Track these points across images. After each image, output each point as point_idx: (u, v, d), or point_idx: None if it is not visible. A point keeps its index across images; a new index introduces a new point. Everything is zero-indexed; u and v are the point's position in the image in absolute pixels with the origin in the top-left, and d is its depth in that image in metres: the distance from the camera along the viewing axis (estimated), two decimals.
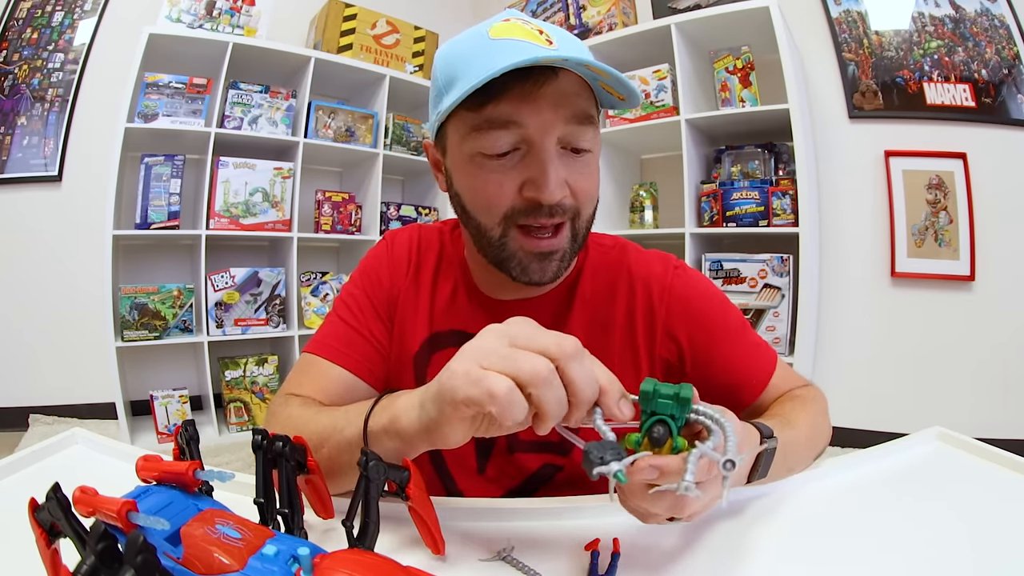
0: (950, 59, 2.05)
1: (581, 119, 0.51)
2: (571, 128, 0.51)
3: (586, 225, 0.57)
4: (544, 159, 0.50)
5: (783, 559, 0.41)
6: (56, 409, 2.32)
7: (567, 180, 0.52)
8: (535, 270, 0.55)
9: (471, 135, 0.51)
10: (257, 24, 2.37)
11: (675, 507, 0.36)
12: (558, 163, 0.51)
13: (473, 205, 0.55)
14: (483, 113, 0.50)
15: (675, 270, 0.64)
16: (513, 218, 0.53)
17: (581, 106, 0.51)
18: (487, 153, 0.51)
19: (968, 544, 0.42)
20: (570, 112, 0.50)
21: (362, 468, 0.36)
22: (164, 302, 2.17)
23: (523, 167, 0.51)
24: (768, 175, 2.16)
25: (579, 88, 0.51)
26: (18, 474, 0.55)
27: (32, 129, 2.30)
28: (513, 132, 0.50)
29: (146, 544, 0.23)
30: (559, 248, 0.54)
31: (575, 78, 0.50)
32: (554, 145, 0.51)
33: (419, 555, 0.41)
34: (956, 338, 2.04)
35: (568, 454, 0.62)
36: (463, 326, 0.63)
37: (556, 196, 0.51)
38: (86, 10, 2.37)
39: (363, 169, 2.70)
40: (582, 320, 0.62)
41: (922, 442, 0.60)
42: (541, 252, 0.54)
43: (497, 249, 0.55)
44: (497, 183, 0.52)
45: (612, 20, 2.47)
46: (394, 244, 0.69)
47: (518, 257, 0.54)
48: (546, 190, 0.50)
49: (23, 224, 2.28)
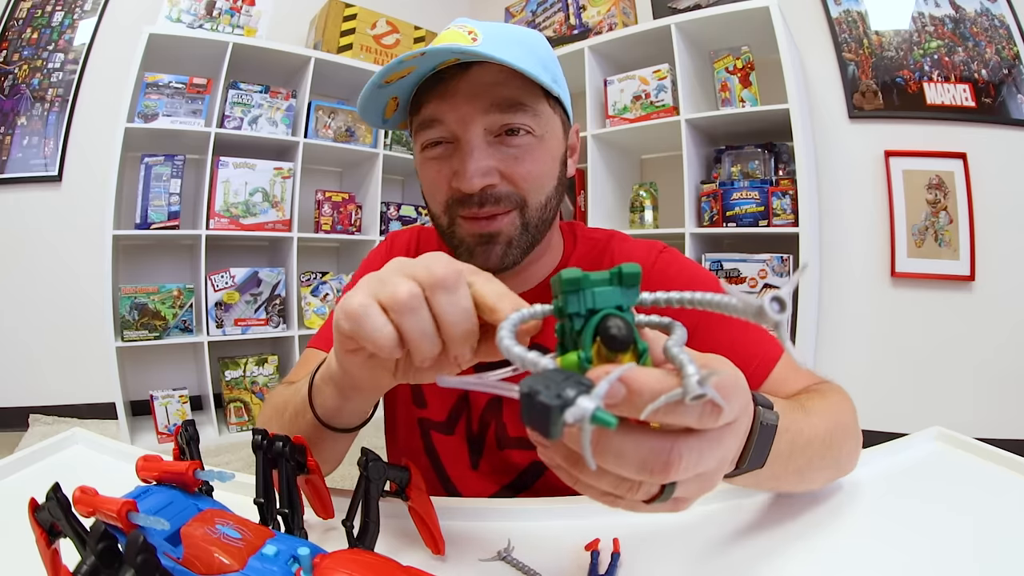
0: (950, 59, 2.05)
1: (505, 106, 0.53)
2: (494, 116, 0.53)
3: (538, 213, 0.56)
4: (464, 150, 0.53)
5: (783, 559, 0.41)
6: (56, 409, 2.32)
7: (498, 168, 0.53)
8: (479, 253, 0.55)
9: (417, 134, 0.57)
10: (257, 24, 2.37)
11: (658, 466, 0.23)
12: (482, 153, 0.53)
13: (426, 195, 0.60)
14: (420, 116, 0.55)
15: (660, 253, 0.63)
16: (454, 208, 0.55)
17: (503, 94, 0.52)
18: (425, 146, 0.56)
19: (968, 544, 0.42)
20: (488, 102, 0.52)
21: (362, 468, 0.36)
22: (164, 302, 2.17)
23: (452, 160, 0.55)
24: (768, 175, 2.16)
25: (503, 77, 0.52)
26: (18, 474, 0.55)
27: (32, 129, 2.30)
28: (438, 129, 0.54)
29: (146, 544, 0.23)
30: (500, 231, 0.55)
31: (497, 69, 0.51)
32: (479, 136, 0.53)
33: (419, 555, 0.41)
34: (956, 338, 2.04)
35: None
36: None
37: (475, 185, 0.52)
38: (86, 10, 2.38)
39: (363, 169, 2.70)
40: None
41: (922, 442, 0.59)
42: (483, 234, 0.55)
43: (448, 236, 0.58)
44: (435, 173, 0.56)
45: (612, 20, 2.47)
46: (394, 243, 0.73)
47: (466, 243, 0.56)
48: (464, 180, 0.52)
49: (23, 224, 2.28)
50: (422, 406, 0.66)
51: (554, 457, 0.26)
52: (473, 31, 0.53)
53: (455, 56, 0.50)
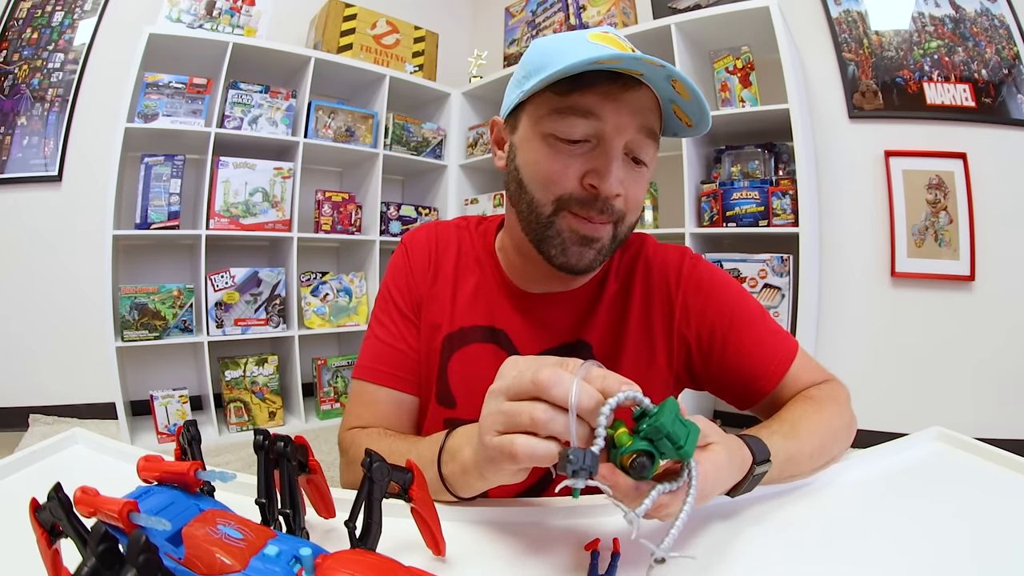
0: (950, 59, 2.05)
1: (648, 133, 0.56)
2: (639, 137, 0.55)
3: (626, 231, 0.60)
4: (611, 155, 0.54)
5: (782, 559, 0.41)
6: (56, 409, 2.32)
7: (624, 183, 0.56)
8: (574, 253, 0.57)
9: (550, 116, 0.55)
10: (257, 24, 2.37)
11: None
12: (621, 163, 0.55)
13: (532, 180, 0.58)
14: (568, 99, 0.54)
15: (692, 260, 0.67)
16: (567, 203, 0.56)
17: (652, 121, 0.56)
18: (561, 136, 0.55)
19: (968, 544, 0.42)
20: (642, 122, 0.55)
21: (366, 469, 0.36)
22: (164, 302, 2.17)
23: (590, 158, 0.55)
24: (768, 175, 2.16)
25: (654, 105, 0.55)
26: (18, 474, 0.55)
27: (32, 129, 2.29)
28: (591, 123, 0.54)
29: (148, 544, 0.23)
30: (601, 237, 0.57)
31: (652, 96, 0.55)
32: (622, 147, 0.55)
33: (420, 556, 0.41)
34: (956, 338, 2.04)
35: None
36: (488, 320, 0.66)
37: (615, 189, 0.54)
38: (86, 10, 2.37)
39: (363, 169, 2.70)
40: (605, 318, 0.65)
41: (922, 442, 0.60)
42: (585, 236, 0.57)
43: (544, 227, 0.58)
44: (563, 165, 0.55)
45: (612, 20, 2.47)
46: (412, 247, 0.71)
47: (562, 237, 0.57)
48: (608, 181, 0.54)
49: (23, 224, 2.28)
50: (451, 406, 0.66)
51: None
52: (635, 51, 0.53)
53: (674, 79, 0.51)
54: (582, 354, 0.63)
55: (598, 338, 0.65)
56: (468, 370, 0.65)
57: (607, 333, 0.65)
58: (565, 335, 0.65)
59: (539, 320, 0.65)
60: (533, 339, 0.65)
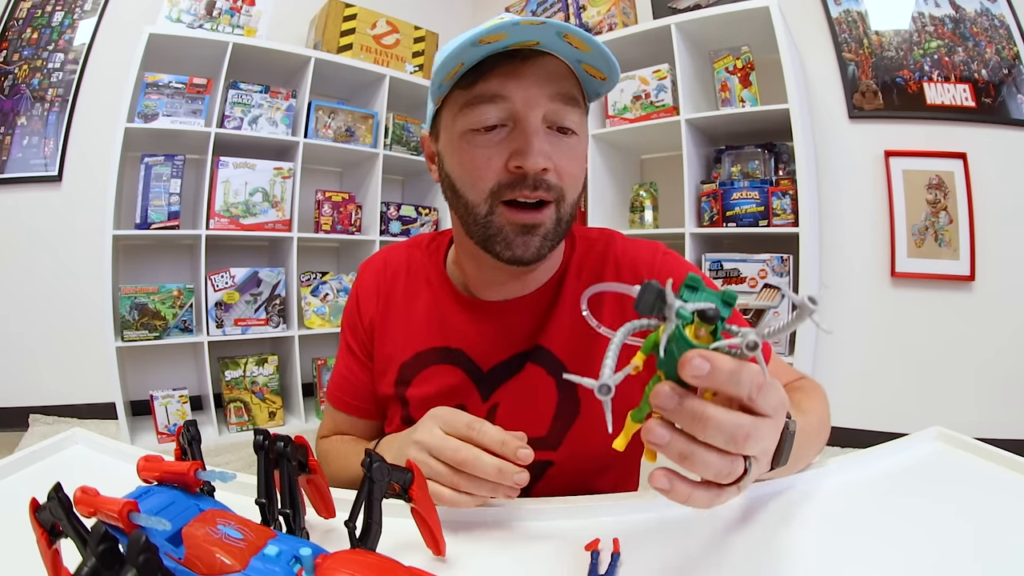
0: (950, 59, 2.05)
1: (566, 99, 0.54)
2: (556, 106, 0.54)
3: (570, 210, 0.58)
4: (529, 130, 0.53)
5: (782, 559, 0.41)
6: (56, 409, 2.32)
7: (551, 157, 0.54)
8: (519, 244, 0.55)
9: (462, 112, 0.55)
10: (257, 24, 2.37)
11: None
12: (543, 137, 0.54)
13: (462, 182, 0.57)
14: (473, 90, 0.53)
15: (664, 255, 0.66)
16: (499, 193, 0.55)
17: (566, 87, 0.54)
18: (476, 128, 0.54)
19: (968, 544, 0.42)
20: (554, 90, 0.53)
21: (366, 469, 0.36)
22: (164, 302, 2.17)
23: (510, 140, 0.54)
24: (768, 175, 2.16)
25: (564, 72, 0.54)
26: (18, 474, 0.55)
27: (32, 129, 2.29)
28: (500, 106, 0.53)
29: (148, 544, 0.23)
30: (542, 223, 0.55)
31: (560, 62, 0.54)
32: (539, 120, 0.54)
33: (420, 556, 0.41)
34: (956, 338, 2.04)
35: (556, 448, 0.62)
36: (443, 341, 0.65)
37: (539, 164, 0.53)
38: (86, 10, 2.37)
39: (363, 169, 2.70)
40: (566, 319, 0.63)
41: (922, 442, 0.59)
42: (524, 224, 0.55)
43: (483, 226, 0.56)
44: (485, 157, 0.54)
45: (612, 20, 2.47)
46: (360, 283, 0.73)
47: (504, 232, 0.56)
48: (530, 157, 0.52)
49: (23, 224, 2.28)
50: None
51: (676, 422, 0.30)
52: None
53: (533, 39, 0.51)
54: (540, 361, 0.62)
55: (562, 343, 0.63)
56: (428, 393, 0.64)
57: (573, 338, 0.63)
58: (522, 343, 0.63)
59: (497, 329, 0.64)
60: (491, 351, 0.64)
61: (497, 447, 0.45)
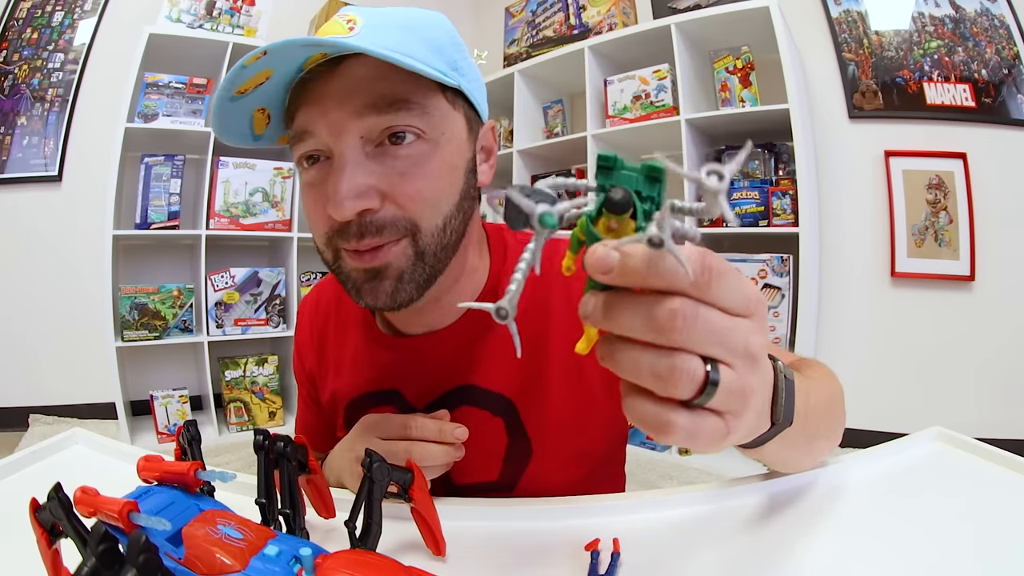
0: (950, 59, 2.05)
1: (385, 103, 0.43)
2: (371, 119, 0.43)
3: (435, 240, 0.46)
4: (336, 167, 0.43)
5: (782, 559, 0.41)
6: (56, 409, 2.32)
7: (379, 187, 0.43)
8: (369, 292, 0.46)
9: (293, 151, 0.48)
10: (257, 24, 2.37)
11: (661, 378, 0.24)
12: (359, 169, 0.43)
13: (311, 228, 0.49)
14: (292, 128, 0.46)
15: None
16: (334, 239, 0.46)
17: (380, 90, 0.43)
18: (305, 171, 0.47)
19: (968, 544, 0.42)
20: (361, 102, 0.42)
21: (366, 469, 0.36)
22: (164, 302, 2.17)
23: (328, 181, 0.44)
24: (768, 175, 2.16)
25: (383, 71, 0.43)
26: (18, 474, 0.55)
27: (32, 129, 2.30)
28: (309, 142, 0.45)
29: (148, 544, 0.23)
30: (389, 264, 0.45)
31: (375, 63, 0.42)
32: (355, 147, 0.43)
33: (420, 556, 0.41)
34: (956, 338, 2.04)
35: (512, 490, 0.56)
36: (377, 385, 0.59)
37: (347, 210, 0.42)
38: (86, 10, 2.38)
39: None
40: (499, 345, 0.54)
41: (922, 442, 0.59)
42: (367, 269, 0.45)
43: (336, 273, 0.49)
44: (314, 202, 0.46)
45: (612, 20, 2.47)
46: (300, 324, 0.69)
47: (352, 279, 0.47)
48: (334, 204, 0.42)
49: (23, 224, 2.28)
50: None
51: (592, 313, 0.25)
52: (353, 19, 0.44)
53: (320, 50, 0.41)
54: (475, 402, 0.55)
55: (500, 382, 0.54)
56: None
57: (512, 376, 0.54)
58: (450, 381, 0.55)
59: (426, 365, 0.56)
60: (424, 389, 0.57)
61: (436, 437, 0.48)
